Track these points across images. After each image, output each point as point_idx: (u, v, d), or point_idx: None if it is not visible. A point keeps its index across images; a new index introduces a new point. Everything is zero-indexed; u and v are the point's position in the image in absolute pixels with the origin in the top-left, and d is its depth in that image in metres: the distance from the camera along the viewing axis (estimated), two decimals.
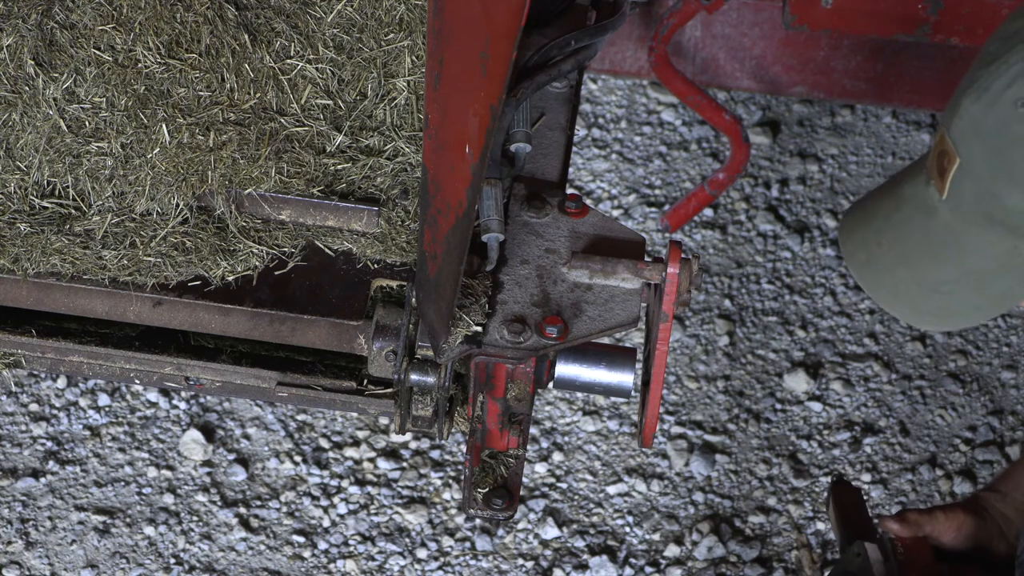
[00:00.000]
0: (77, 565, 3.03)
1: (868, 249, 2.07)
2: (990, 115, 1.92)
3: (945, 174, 1.96)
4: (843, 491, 2.60)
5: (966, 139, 1.94)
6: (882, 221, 2.07)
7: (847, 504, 2.57)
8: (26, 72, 2.36)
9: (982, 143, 1.92)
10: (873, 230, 2.08)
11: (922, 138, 3.72)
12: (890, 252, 2.05)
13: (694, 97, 3.20)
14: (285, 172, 2.33)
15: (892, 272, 2.06)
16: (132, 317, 2.29)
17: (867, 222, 2.09)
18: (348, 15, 2.45)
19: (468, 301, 2.21)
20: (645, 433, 2.31)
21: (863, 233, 2.09)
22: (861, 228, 2.10)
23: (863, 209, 2.13)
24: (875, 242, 2.06)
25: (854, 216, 2.14)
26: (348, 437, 3.21)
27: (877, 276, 2.08)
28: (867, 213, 2.11)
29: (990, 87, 1.93)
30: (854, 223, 2.12)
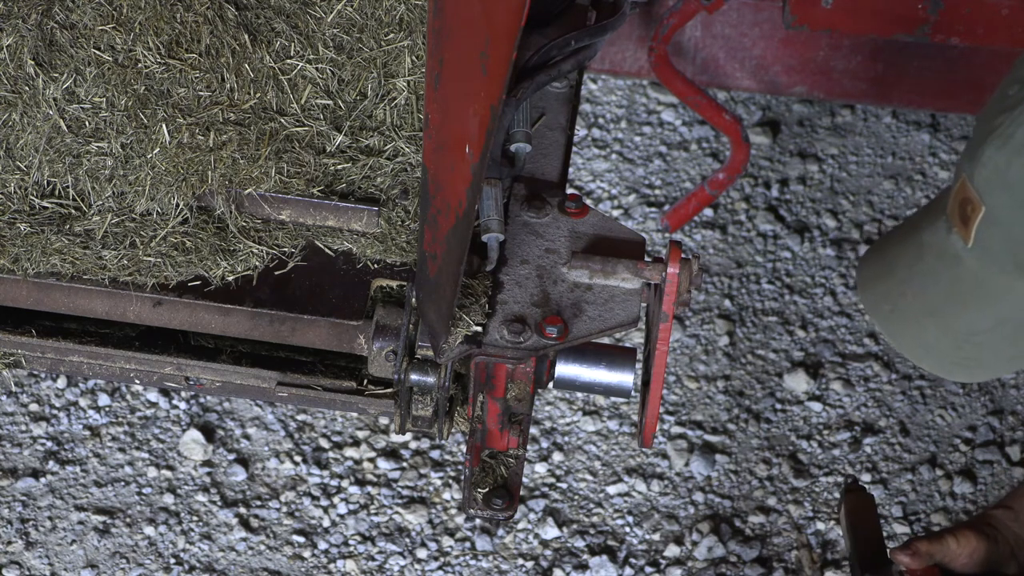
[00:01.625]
0: (77, 565, 3.03)
1: (892, 301, 2.03)
2: (1016, 163, 1.88)
3: (969, 223, 1.92)
4: (856, 499, 2.57)
5: (991, 188, 1.89)
6: (905, 271, 2.02)
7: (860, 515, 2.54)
8: (26, 72, 2.36)
9: (1009, 192, 1.88)
10: (896, 280, 2.03)
11: (922, 138, 3.72)
12: (916, 303, 2.00)
13: (694, 97, 3.20)
14: (285, 172, 2.34)
15: (919, 323, 2.01)
16: (132, 317, 2.29)
17: (889, 272, 2.04)
18: (348, 15, 2.45)
19: (468, 301, 2.21)
20: (645, 433, 2.31)
21: (885, 284, 2.04)
22: (883, 279, 2.05)
23: (881, 258, 2.08)
24: (899, 293, 2.02)
25: (872, 265, 2.09)
26: (348, 437, 3.21)
27: (903, 328, 2.03)
28: (887, 262, 2.06)
29: (1014, 135, 1.88)
30: (874, 273, 2.07)
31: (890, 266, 2.05)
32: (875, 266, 2.08)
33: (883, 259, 2.07)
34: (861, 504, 2.56)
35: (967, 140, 1.98)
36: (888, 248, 2.08)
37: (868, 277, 2.09)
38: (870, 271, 2.09)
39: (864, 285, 2.09)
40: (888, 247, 2.08)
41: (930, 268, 1.98)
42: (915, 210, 2.13)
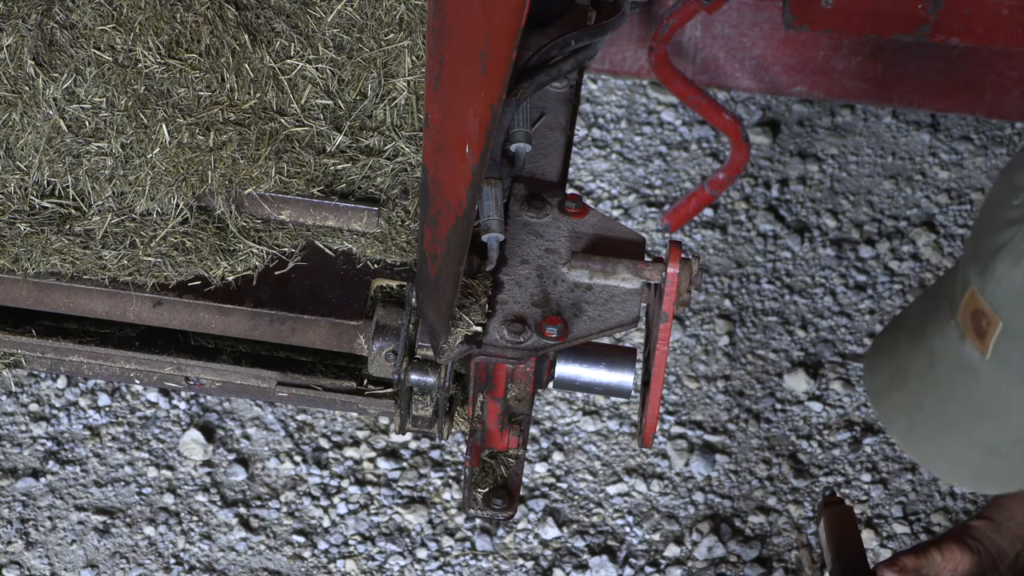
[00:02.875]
0: (77, 565, 3.03)
1: (908, 414, 1.97)
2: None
3: (986, 337, 1.87)
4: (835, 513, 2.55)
5: (1008, 304, 1.85)
6: (917, 382, 1.96)
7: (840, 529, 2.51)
8: (26, 72, 2.36)
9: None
10: (909, 392, 1.97)
11: (922, 138, 3.72)
12: (934, 417, 1.95)
13: (694, 97, 3.20)
14: (285, 172, 2.34)
15: (941, 438, 1.95)
16: (132, 317, 2.29)
17: (901, 383, 1.98)
18: (348, 15, 2.45)
19: (468, 301, 2.21)
20: (645, 433, 2.31)
21: (898, 397, 1.98)
22: (895, 390, 1.99)
23: (890, 363, 2.01)
24: (915, 406, 1.96)
25: (881, 372, 2.02)
26: (348, 437, 3.21)
27: (925, 445, 1.97)
28: (897, 370, 1.99)
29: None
30: (884, 383, 2.01)
31: (901, 375, 1.98)
32: (884, 373, 2.02)
33: (892, 365, 2.01)
34: (841, 517, 2.54)
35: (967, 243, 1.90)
36: (895, 352, 2.01)
37: (878, 387, 2.02)
38: (880, 379, 2.02)
39: (875, 396, 2.02)
40: (895, 351, 2.01)
41: (945, 379, 1.93)
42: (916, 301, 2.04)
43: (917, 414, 1.95)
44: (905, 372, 1.97)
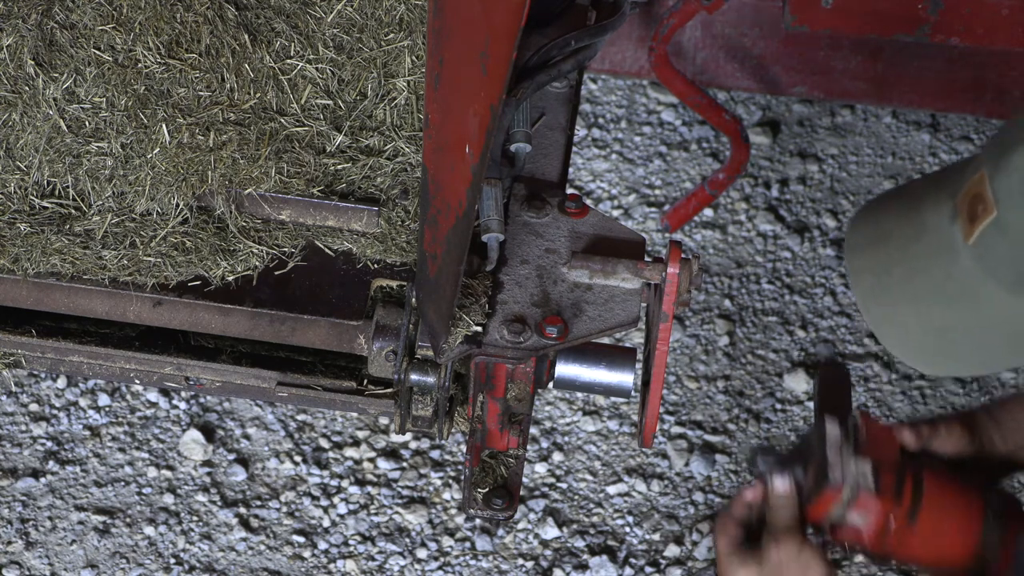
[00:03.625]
0: (77, 565, 3.03)
1: (877, 275, 1.97)
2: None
3: (977, 222, 1.86)
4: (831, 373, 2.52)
5: (1011, 198, 1.83)
6: (897, 247, 1.96)
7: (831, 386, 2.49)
8: (26, 72, 2.36)
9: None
10: (886, 255, 1.97)
11: (922, 138, 3.72)
12: (900, 285, 1.95)
13: (694, 97, 3.20)
14: (285, 172, 2.34)
15: (898, 307, 1.96)
16: (132, 317, 2.29)
17: (880, 243, 1.99)
18: (348, 15, 2.45)
19: (468, 301, 2.21)
20: (645, 433, 2.31)
21: (873, 255, 1.99)
22: (872, 249, 1.99)
23: (876, 222, 2.01)
24: (885, 269, 1.96)
25: (865, 228, 2.02)
26: (348, 437, 3.21)
27: (880, 308, 1.98)
28: (881, 230, 1.99)
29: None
30: (865, 238, 2.01)
31: (884, 236, 1.98)
32: (868, 230, 2.02)
33: (878, 225, 2.00)
34: (835, 377, 2.50)
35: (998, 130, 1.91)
36: (885, 214, 2.01)
37: (858, 241, 2.01)
38: (862, 234, 2.02)
39: (851, 250, 2.02)
40: (885, 213, 2.01)
41: (923, 253, 1.93)
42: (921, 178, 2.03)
43: (886, 277, 1.95)
44: (888, 235, 1.97)
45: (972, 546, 2.25)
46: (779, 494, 2.28)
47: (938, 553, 2.27)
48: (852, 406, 2.43)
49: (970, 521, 2.26)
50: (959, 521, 2.26)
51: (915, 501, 2.26)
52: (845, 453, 2.28)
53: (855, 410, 2.32)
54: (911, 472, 2.27)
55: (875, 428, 2.31)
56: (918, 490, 2.26)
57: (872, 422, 2.31)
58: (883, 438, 2.30)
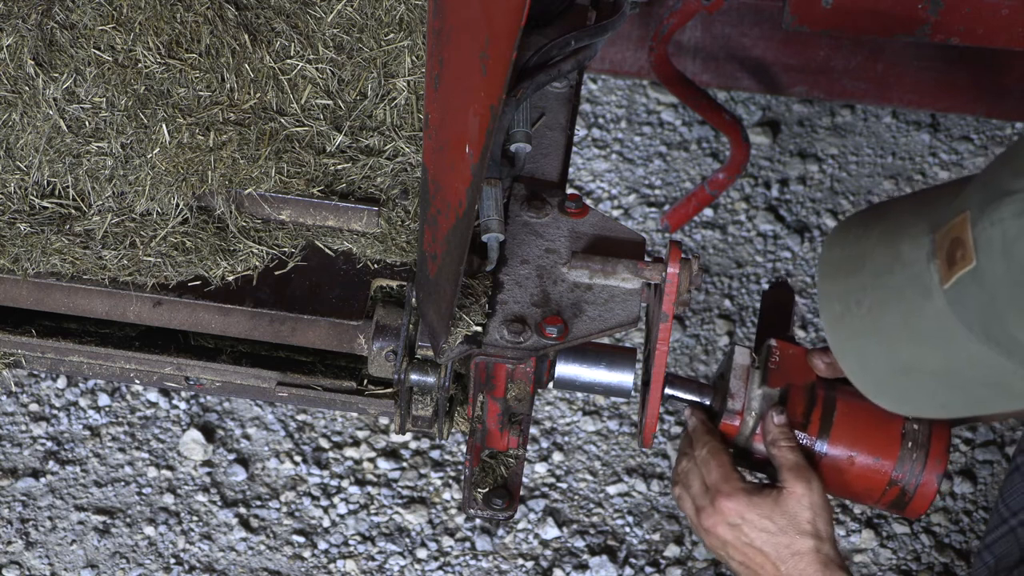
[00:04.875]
0: (77, 565, 3.03)
1: (847, 304, 1.91)
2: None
3: (955, 267, 1.80)
4: (774, 293, 2.50)
5: (992, 250, 1.77)
6: (870, 277, 1.90)
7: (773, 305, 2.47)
8: (26, 72, 2.36)
9: (1008, 263, 1.76)
10: (857, 283, 1.91)
11: (922, 138, 3.72)
12: (869, 316, 1.89)
13: (694, 97, 3.20)
14: (285, 172, 2.34)
15: (866, 339, 1.91)
16: (132, 317, 2.29)
17: (854, 268, 1.92)
18: (348, 15, 2.45)
19: (468, 301, 2.21)
20: (645, 433, 2.31)
21: (845, 282, 1.92)
22: (845, 273, 1.93)
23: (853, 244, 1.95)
24: (856, 299, 1.90)
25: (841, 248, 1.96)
26: (348, 437, 3.21)
27: (848, 339, 1.92)
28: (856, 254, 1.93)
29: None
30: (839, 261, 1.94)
31: (858, 261, 1.92)
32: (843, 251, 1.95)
33: (855, 248, 1.94)
34: (780, 296, 2.48)
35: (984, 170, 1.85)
36: (863, 237, 1.95)
37: (831, 262, 1.96)
38: (836, 255, 1.96)
39: (825, 269, 1.96)
40: (864, 235, 1.95)
41: (897, 287, 1.87)
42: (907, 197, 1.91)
43: (855, 307, 1.90)
44: (863, 262, 1.91)
45: (888, 475, 2.22)
46: (691, 426, 2.30)
47: (852, 480, 2.25)
48: (791, 327, 2.42)
49: (886, 449, 2.22)
50: (873, 448, 2.23)
51: (824, 427, 2.24)
52: (751, 381, 2.26)
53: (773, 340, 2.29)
54: (822, 397, 2.24)
55: (790, 354, 2.28)
56: (828, 415, 2.23)
57: (788, 348, 2.28)
58: (798, 364, 2.27)
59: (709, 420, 2.29)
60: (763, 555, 2.19)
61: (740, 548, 2.21)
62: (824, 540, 2.18)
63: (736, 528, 2.20)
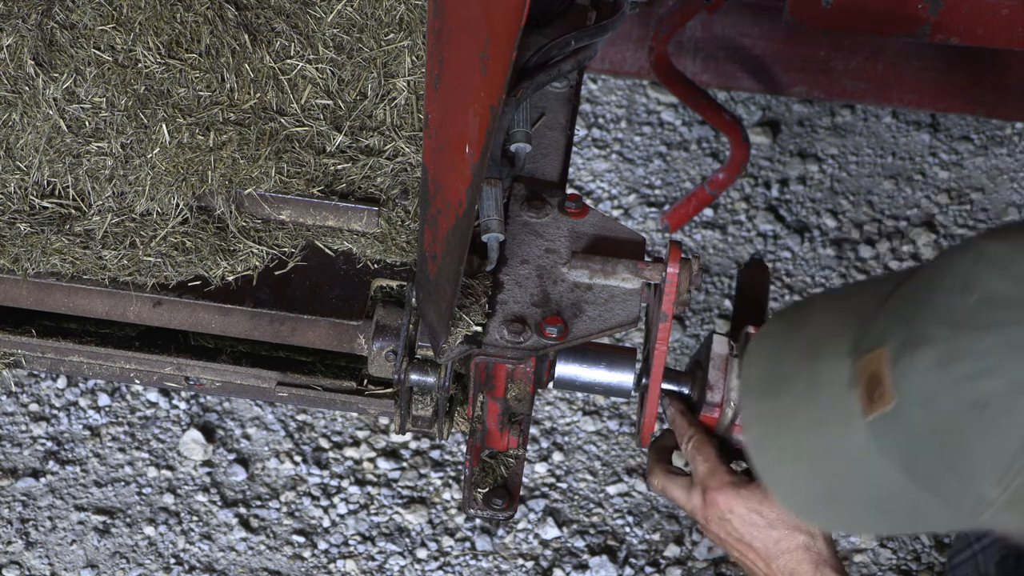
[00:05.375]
0: (77, 565, 3.03)
1: (769, 427, 1.85)
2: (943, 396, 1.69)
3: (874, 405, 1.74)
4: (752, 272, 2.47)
5: (909, 396, 1.72)
6: (792, 400, 1.83)
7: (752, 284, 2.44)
8: (26, 72, 2.36)
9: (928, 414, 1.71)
10: (780, 407, 1.84)
11: (922, 138, 3.72)
12: (792, 442, 1.83)
13: (694, 97, 3.20)
14: (285, 172, 2.34)
15: (789, 463, 1.85)
16: (132, 317, 2.29)
17: (774, 390, 1.85)
18: (348, 15, 2.45)
19: (468, 301, 2.21)
20: (643, 432, 2.31)
21: (764, 404, 1.86)
22: (765, 395, 1.86)
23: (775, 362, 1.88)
24: (778, 423, 1.84)
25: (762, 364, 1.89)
26: (348, 437, 3.21)
27: (773, 463, 1.86)
28: (777, 375, 1.86)
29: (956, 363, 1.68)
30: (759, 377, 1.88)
31: (779, 383, 1.85)
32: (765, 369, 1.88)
33: (775, 366, 1.87)
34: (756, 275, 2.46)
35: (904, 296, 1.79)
36: (784, 353, 1.87)
37: (752, 379, 1.88)
38: (757, 372, 1.88)
39: (747, 389, 1.88)
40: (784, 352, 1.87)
41: (819, 414, 1.80)
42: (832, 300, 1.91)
43: (777, 432, 1.84)
44: (784, 383, 1.84)
45: None
46: (669, 417, 2.29)
47: None
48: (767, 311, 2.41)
49: None
50: None
51: None
52: (730, 371, 2.24)
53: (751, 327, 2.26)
54: None
55: None
56: None
57: None
58: None
59: (688, 410, 2.28)
60: (754, 551, 2.17)
61: (732, 543, 2.19)
62: (816, 536, 2.15)
63: (726, 522, 2.18)
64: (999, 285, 1.68)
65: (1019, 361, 1.66)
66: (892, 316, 1.77)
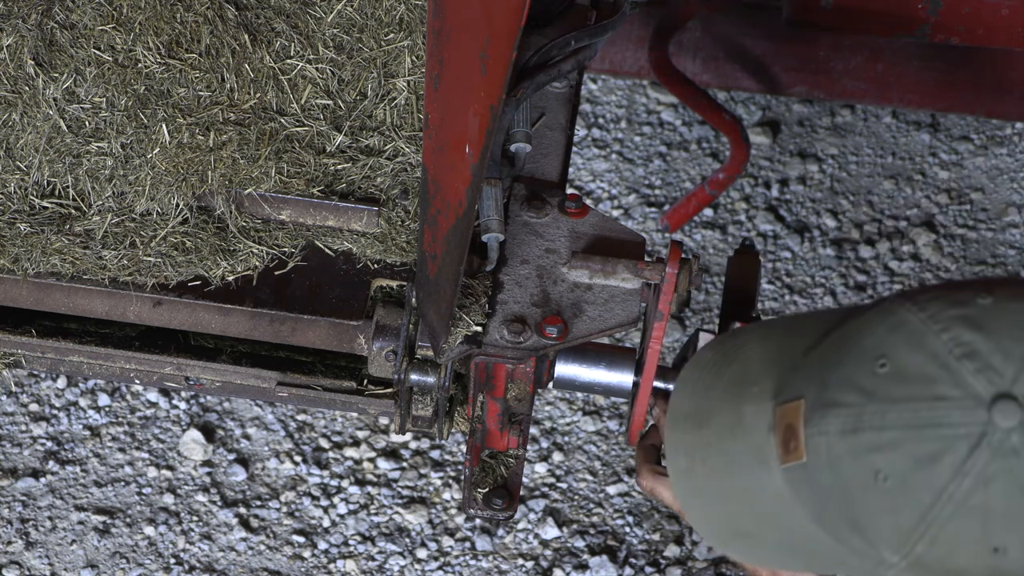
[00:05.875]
0: (77, 565, 3.03)
1: (692, 459, 1.85)
2: (848, 464, 1.70)
3: (788, 455, 1.75)
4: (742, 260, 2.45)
5: (819, 456, 1.72)
6: (714, 436, 1.83)
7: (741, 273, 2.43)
8: (26, 72, 2.36)
9: (834, 477, 1.71)
10: (702, 441, 1.85)
11: (922, 138, 3.72)
12: (711, 478, 1.84)
13: (694, 97, 3.20)
14: (285, 172, 2.34)
15: (710, 501, 1.85)
16: (132, 317, 2.29)
17: (698, 424, 1.86)
18: (348, 15, 2.45)
19: (468, 301, 2.21)
20: (632, 431, 2.30)
21: (691, 436, 1.86)
22: (689, 427, 1.87)
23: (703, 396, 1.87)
24: (700, 457, 1.84)
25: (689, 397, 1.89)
26: (348, 437, 3.21)
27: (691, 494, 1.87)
28: (704, 409, 1.86)
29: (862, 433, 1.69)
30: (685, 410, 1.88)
31: (704, 417, 1.85)
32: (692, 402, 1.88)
33: (702, 399, 1.87)
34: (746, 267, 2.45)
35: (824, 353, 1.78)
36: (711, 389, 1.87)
37: (681, 413, 1.88)
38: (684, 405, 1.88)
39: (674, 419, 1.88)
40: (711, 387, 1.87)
41: (738, 454, 1.81)
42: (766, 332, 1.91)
43: (700, 465, 1.84)
44: (709, 417, 1.84)
45: None
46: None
47: None
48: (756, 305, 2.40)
49: None
50: None
51: None
52: None
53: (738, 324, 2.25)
54: None
55: None
56: None
57: None
58: None
59: None
60: None
61: None
62: None
63: None
64: (911, 360, 1.68)
65: (920, 439, 1.66)
66: (810, 371, 1.77)
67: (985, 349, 1.66)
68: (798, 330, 1.85)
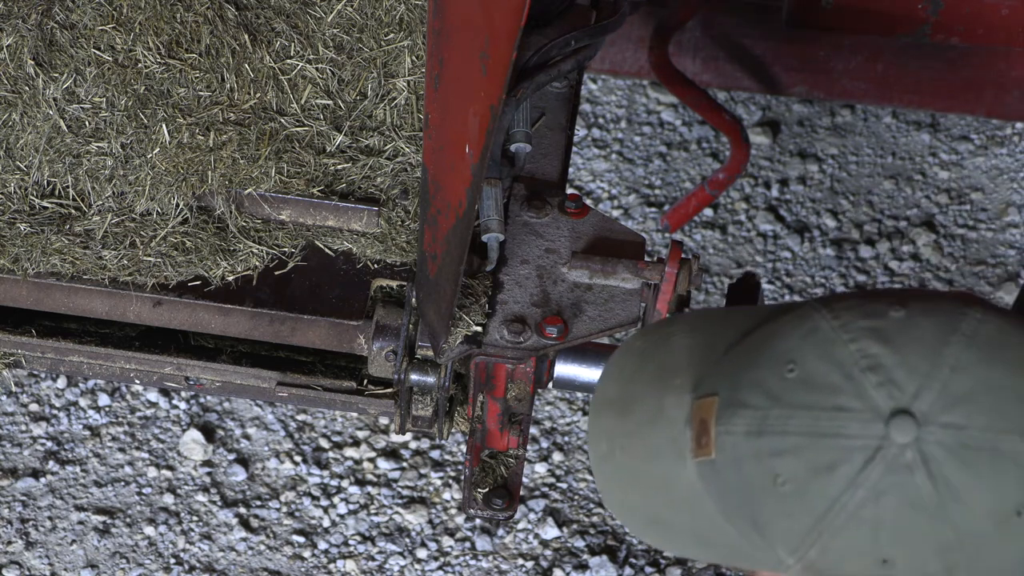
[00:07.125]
0: (77, 565, 3.03)
1: (612, 446, 1.85)
2: (750, 465, 1.70)
3: (700, 450, 1.75)
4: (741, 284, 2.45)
5: (725, 454, 1.72)
6: (635, 425, 1.83)
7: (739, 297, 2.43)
8: (26, 72, 2.36)
9: (738, 477, 1.72)
10: (624, 429, 1.84)
11: (922, 138, 3.72)
12: (630, 466, 1.83)
13: (694, 97, 3.20)
14: (285, 172, 2.34)
15: (627, 486, 1.85)
16: (132, 317, 2.29)
17: (623, 411, 1.85)
18: (348, 15, 2.45)
19: (468, 301, 2.22)
20: None
21: (614, 423, 1.85)
22: (615, 413, 1.86)
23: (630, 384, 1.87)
24: (620, 444, 1.83)
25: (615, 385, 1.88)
26: (348, 437, 3.21)
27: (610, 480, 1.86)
28: (629, 397, 1.85)
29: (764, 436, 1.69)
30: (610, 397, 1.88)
31: (628, 404, 1.85)
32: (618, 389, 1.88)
33: (628, 389, 1.86)
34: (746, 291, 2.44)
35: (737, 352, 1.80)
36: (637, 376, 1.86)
37: (606, 399, 1.88)
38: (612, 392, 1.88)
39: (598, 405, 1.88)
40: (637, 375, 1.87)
41: (657, 445, 1.80)
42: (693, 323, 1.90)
43: (619, 452, 1.83)
44: (632, 405, 1.84)
45: None
46: None
47: None
48: None
49: None
50: None
51: None
52: None
53: None
54: None
55: None
56: None
57: None
58: None
59: None
60: None
61: None
62: None
63: None
64: (818, 368, 1.68)
65: (819, 448, 1.67)
66: (727, 369, 1.77)
67: (890, 363, 1.66)
68: (726, 324, 1.85)
